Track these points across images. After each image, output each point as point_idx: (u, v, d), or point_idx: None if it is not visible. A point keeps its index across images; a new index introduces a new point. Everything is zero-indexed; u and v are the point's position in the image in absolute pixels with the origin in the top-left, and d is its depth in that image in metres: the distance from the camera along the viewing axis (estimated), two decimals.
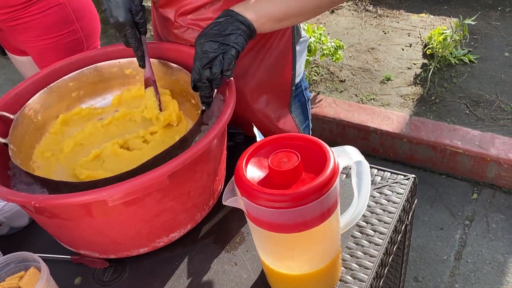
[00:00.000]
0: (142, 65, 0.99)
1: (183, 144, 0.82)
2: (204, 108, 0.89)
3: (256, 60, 1.07)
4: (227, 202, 0.68)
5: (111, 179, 0.75)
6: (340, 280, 0.81)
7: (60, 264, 0.91)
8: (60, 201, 0.72)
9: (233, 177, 0.68)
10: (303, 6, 0.91)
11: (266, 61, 1.08)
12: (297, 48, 1.12)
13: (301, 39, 1.14)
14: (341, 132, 2.49)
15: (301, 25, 1.15)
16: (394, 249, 0.93)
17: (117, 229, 0.82)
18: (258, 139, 0.77)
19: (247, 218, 0.71)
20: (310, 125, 1.29)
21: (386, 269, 0.89)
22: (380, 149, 2.44)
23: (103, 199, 0.71)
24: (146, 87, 1.01)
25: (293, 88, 1.15)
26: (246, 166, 0.69)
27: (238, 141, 1.10)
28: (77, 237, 0.85)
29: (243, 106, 1.11)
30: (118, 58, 1.07)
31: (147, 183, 0.72)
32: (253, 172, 0.68)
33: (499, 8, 3.24)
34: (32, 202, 0.72)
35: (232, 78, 0.91)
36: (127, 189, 0.71)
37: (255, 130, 0.83)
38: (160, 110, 1.00)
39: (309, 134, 1.33)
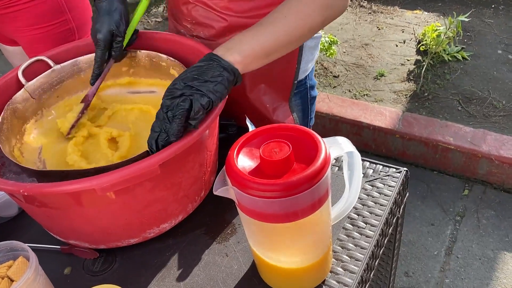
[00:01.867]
0: (92, 83, 1.00)
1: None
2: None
3: None
4: (218, 191, 0.67)
5: (102, 169, 0.74)
6: (331, 272, 0.82)
7: (49, 254, 0.90)
8: (49, 189, 0.71)
9: (224, 167, 0.68)
10: (291, 35, 0.87)
11: None
12: (308, 43, 1.09)
13: (314, 35, 1.09)
14: (334, 128, 2.50)
15: None
16: (385, 241, 0.93)
17: (107, 219, 0.81)
18: (250, 130, 0.76)
19: (238, 208, 0.70)
20: (311, 124, 1.27)
21: (377, 261, 0.90)
22: (372, 144, 2.45)
23: (93, 188, 0.71)
24: (81, 101, 1.00)
25: (295, 82, 1.12)
26: (237, 155, 0.68)
27: (230, 133, 1.10)
28: (67, 227, 0.85)
29: (240, 92, 1.09)
30: None
31: (138, 172, 0.72)
32: (245, 162, 0.68)
33: (493, 6, 3.25)
34: (21, 191, 0.71)
35: None
36: (118, 178, 0.71)
37: (248, 121, 0.82)
38: (72, 127, 0.97)
39: None
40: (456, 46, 2.81)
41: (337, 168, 1.02)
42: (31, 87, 0.99)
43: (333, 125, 2.49)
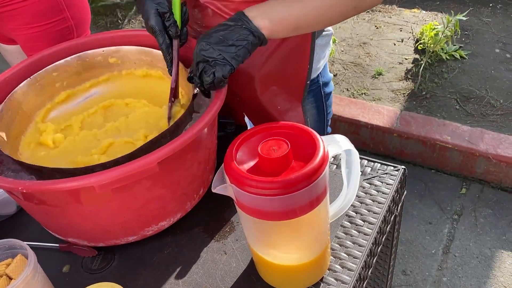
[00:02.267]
0: (170, 71, 0.93)
1: (173, 132, 0.82)
2: (197, 92, 0.88)
3: (269, 49, 1.02)
4: (216, 189, 0.67)
5: (100, 166, 0.74)
6: (329, 269, 0.82)
7: (48, 252, 0.90)
8: (48, 187, 0.71)
9: (222, 165, 0.68)
10: (322, 15, 0.87)
11: (280, 52, 1.03)
12: (318, 42, 1.08)
13: (324, 33, 1.09)
14: (332, 126, 2.47)
15: None
16: (383, 239, 0.94)
17: (106, 216, 0.81)
18: (248, 128, 0.76)
19: (236, 206, 0.70)
20: (328, 121, 1.25)
21: (375, 259, 0.90)
22: (370, 143, 2.45)
23: (91, 186, 0.71)
24: (170, 97, 0.95)
25: (308, 82, 1.09)
26: (235, 153, 0.69)
27: (229, 131, 1.10)
28: (65, 225, 0.85)
29: (252, 94, 1.08)
30: (107, 46, 1.06)
31: (136, 170, 0.72)
32: (243, 159, 0.68)
33: (490, 5, 3.26)
34: (20, 188, 0.71)
35: None
36: (116, 175, 0.71)
37: (246, 119, 0.82)
38: (169, 118, 0.94)
39: (326, 131, 1.30)
40: (454, 45, 2.81)
41: (335, 166, 1.02)
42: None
43: (331, 124, 2.48)
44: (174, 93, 0.94)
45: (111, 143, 0.92)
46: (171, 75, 0.92)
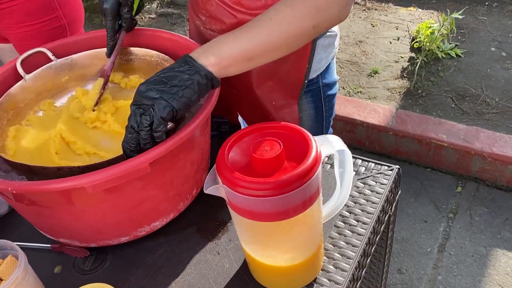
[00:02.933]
0: (109, 55, 1.00)
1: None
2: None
3: None
4: (208, 190, 0.67)
5: (91, 166, 0.73)
6: (322, 270, 0.81)
7: (40, 252, 0.90)
8: (39, 187, 0.70)
9: (214, 165, 0.67)
10: (275, 40, 0.81)
11: None
12: (321, 42, 1.06)
13: (328, 33, 1.06)
14: None
15: None
16: (377, 239, 0.93)
17: (98, 217, 0.80)
18: (242, 127, 0.76)
19: (228, 207, 0.70)
20: (329, 122, 1.23)
21: (369, 259, 0.90)
22: (366, 142, 2.45)
23: (83, 186, 0.70)
24: (100, 76, 1.02)
25: (306, 82, 1.08)
26: (228, 154, 0.68)
27: (223, 131, 1.09)
28: (57, 225, 0.84)
29: (248, 86, 1.08)
30: (99, 45, 1.05)
31: (128, 171, 0.71)
32: (235, 160, 0.68)
33: (486, 3, 3.26)
34: (9, 189, 0.70)
35: None
36: (108, 176, 0.70)
37: (240, 119, 0.82)
38: (96, 104, 0.97)
39: (327, 132, 1.29)
40: (449, 43, 2.82)
41: (329, 165, 1.02)
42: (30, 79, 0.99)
43: None
44: (106, 81, 0.99)
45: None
46: (108, 57, 1.00)
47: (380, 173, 0.98)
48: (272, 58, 0.85)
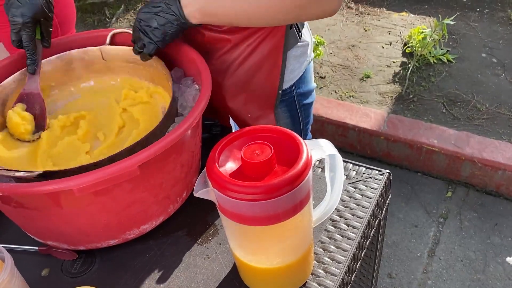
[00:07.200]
0: (33, 71, 0.95)
1: (154, 134, 0.80)
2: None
3: (239, 57, 1.02)
4: (198, 193, 0.67)
5: (80, 169, 0.73)
6: (312, 274, 0.81)
7: (27, 255, 0.88)
8: (26, 189, 0.69)
9: (205, 169, 0.67)
10: (250, 9, 0.85)
11: (250, 61, 1.02)
12: (292, 53, 1.05)
13: (300, 43, 1.06)
14: (320, 128, 2.50)
15: (305, 28, 1.08)
16: (367, 244, 0.93)
17: (86, 220, 0.80)
18: (234, 130, 0.76)
19: (218, 211, 0.70)
20: (307, 130, 1.23)
21: (359, 263, 0.90)
22: (357, 146, 2.45)
23: (70, 189, 0.69)
24: (19, 101, 0.95)
25: (280, 92, 1.08)
26: (218, 157, 0.68)
27: (214, 133, 1.09)
28: (45, 228, 0.83)
29: (220, 101, 1.08)
30: (92, 45, 1.04)
31: (117, 173, 0.70)
32: (226, 163, 0.67)
33: (478, 9, 3.28)
34: None
35: (208, 69, 0.90)
36: (96, 179, 0.69)
37: (231, 122, 0.82)
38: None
39: (303, 138, 1.29)
40: (441, 49, 2.83)
41: (320, 169, 1.02)
42: None
43: (319, 126, 2.49)
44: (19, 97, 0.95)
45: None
46: (30, 73, 0.94)
47: (371, 177, 0.98)
48: (246, 24, 0.91)
